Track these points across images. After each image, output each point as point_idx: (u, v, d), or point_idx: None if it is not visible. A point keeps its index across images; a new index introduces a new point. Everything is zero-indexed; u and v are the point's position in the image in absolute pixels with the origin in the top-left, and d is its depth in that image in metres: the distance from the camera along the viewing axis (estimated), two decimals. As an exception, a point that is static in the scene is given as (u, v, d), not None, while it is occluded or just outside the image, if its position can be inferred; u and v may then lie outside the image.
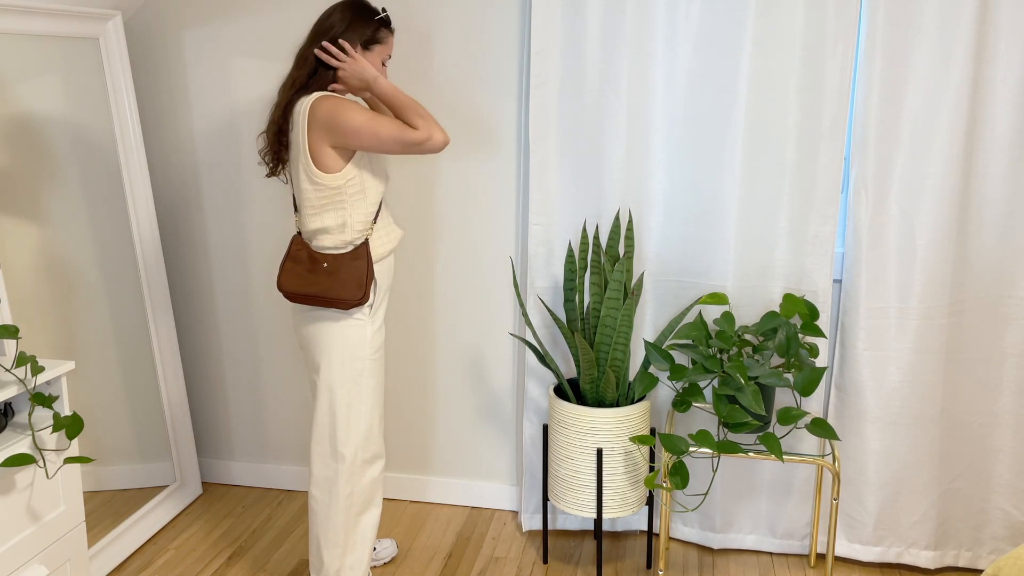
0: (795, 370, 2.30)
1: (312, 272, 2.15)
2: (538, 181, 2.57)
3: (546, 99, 2.51)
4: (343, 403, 2.22)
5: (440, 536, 2.80)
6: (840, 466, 2.45)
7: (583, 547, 2.74)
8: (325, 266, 2.14)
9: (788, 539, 2.68)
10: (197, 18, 2.77)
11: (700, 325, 2.39)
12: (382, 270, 2.23)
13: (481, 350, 2.85)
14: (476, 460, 2.95)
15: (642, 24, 2.41)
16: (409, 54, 2.64)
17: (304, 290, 2.15)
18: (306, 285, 2.15)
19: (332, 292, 2.12)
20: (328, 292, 2.13)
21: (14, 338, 1.94)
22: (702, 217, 2.50)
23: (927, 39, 2.27)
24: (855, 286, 2.45)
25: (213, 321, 3.01)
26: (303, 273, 2.16)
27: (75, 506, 2.15)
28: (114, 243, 2.68)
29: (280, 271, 2.20)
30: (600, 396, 2.44)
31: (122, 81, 2.65)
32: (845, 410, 2.54)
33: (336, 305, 2.14)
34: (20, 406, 2.07)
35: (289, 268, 2.18)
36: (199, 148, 2.87)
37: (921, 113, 2.32)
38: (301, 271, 2.16)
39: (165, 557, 2.66)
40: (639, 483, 2.46)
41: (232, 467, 3.12)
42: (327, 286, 2.13)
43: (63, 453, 2.07)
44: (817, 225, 2.44)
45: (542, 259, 2.62)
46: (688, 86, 2.43)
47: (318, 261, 2.15)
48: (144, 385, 2.81)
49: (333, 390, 2.21)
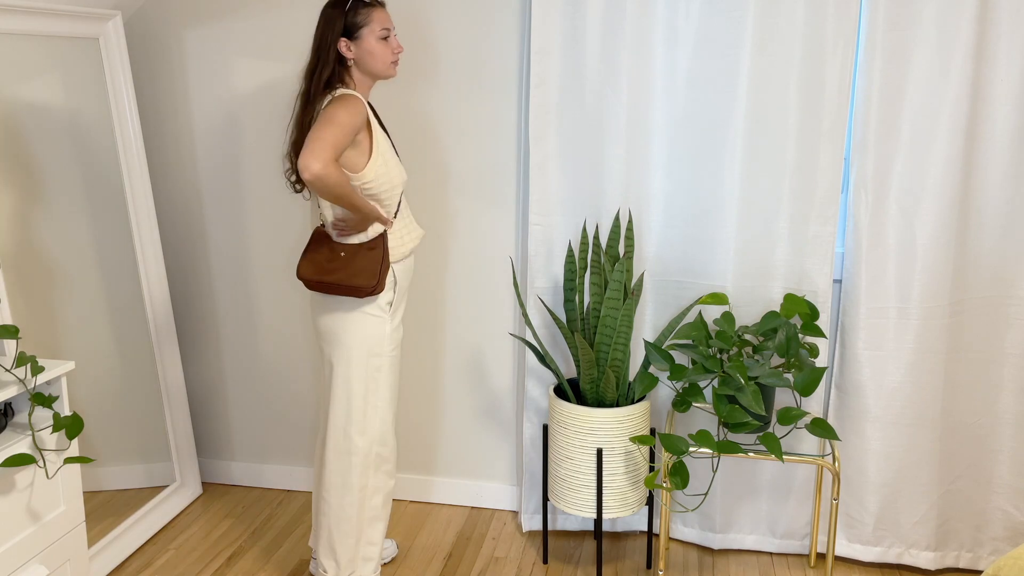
0: (795, 370, 2.30)
1: (330, 261, 2.19)
2: (538, 181, 2.57)
3: (546, 99, 2.51)
4: (359, 396, 2.24)
5: (440, 536, 2.80)
6: (840, 466, 2.45)
7: (583, 547, 2.74)
8: (342, 255, 2.17)
9: (788, 539, 2.68)
10: (197, 18, 2.77)
11: (700, 325, 2.39)
12: (402, 269, 2.25)
13: (481, 350, 2.85)
14: (476, 460, 2.95)
15: (642, 24, 2.41)
16: (409, 53, 2.64)
17: (322, 278, 2.18)
18: (324, 273, 2.18)
19: (347, 279, 2.15)
20: (344, 280, 2.15)
21: (14, 338, 1.94)
22: (702, 217, 2.50)
23: (927, 39, 2.27)
24: (855, 286, 2.45)
25: (213, 321, 3.01)
26: (322, 262, 2.20)
27: (75, 506, 2.15)
28: (114, 243, 2.68)
29: (301, 259, 2.24)
30: (600, 396, 2.44)
31: (122, 80, 2.65)
32: (845, 410, 2.54)
33: (351, 293, 2.16)
34: (20, 406, 2.07)
35: (309, 257, 2.23)
36: (199, 147, 2.87)
37: (921, 113, 2.32)
38: (320, 260, 2.20)
39: (165, 557, 2.66)
40: (639, 483, 2.46)
41: (232, 467, 3.12)
42: (343, 274, 2.16)
43: (63, 453, 2.07)
44: (817, 225, 2.44)
45: (542, 259, 2.62)
46: (688, 86, 2.43)
47: (336, 250, 2.18)
48: (144, 385, 2.81)
49: (350, 383, 2.23)
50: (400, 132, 2.64)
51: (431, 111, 2.68)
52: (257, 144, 2.82)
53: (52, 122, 2.48)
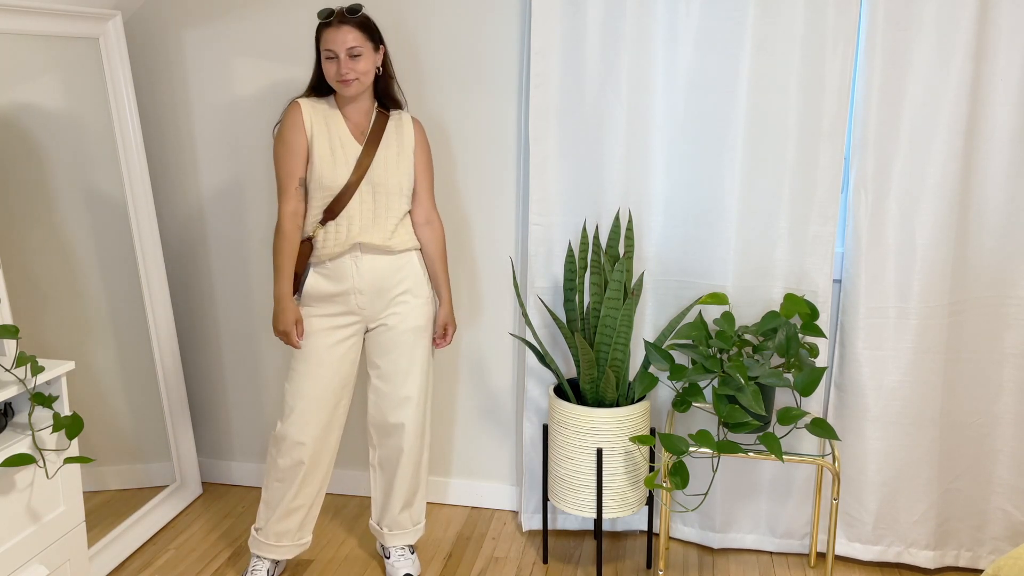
0: (795, 370, 2.30)
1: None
2: (538, 181, 2.57)
3: (546, 99, 2.51)
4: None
5: (440, 536, 2.80)
6: (840, 466, 2.45)
7: (583, 547, 2.74)
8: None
9: (788, 538, 2.68)
10: (197, 18, 2.77)
11: (700, 325, 2.39)
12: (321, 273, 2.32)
13: (481, 350, 2.85)
14: (476, 460, 2.95)
15: (642, 23, 2.41)
16: (409, 53, 2.64)
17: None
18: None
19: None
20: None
21: (14, 338, 1.94)
22: (702, 217, 2.50)
23: (927, 39, 2.27)
24: (855, 286, 2.45)
25: (213, 321, 3.01)
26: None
27: (75, 506, 2.15)
28: (114, 242, 2.68)
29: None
30: (600, 396, 2.44)
31: (122, 81, 2.65)
32: (845, 410, 2.54)
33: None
34: (20, 406, 2.07)
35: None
36: (199, 147, 2.87)
37: (921, 113, 2.32)
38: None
39: (165, 557, 2.66)
40: (639, 483, 2.46)
41: (232, 467, 3.12)
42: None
43: (63, 453, 2.07)
44: (817, 225, 2.44)
45: (542, 259, 2.62)
46: (688, 86, 2.43)
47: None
48: (144, 385, 2.81)
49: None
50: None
51: (431, 111, 2.68)
52: (257, 144, 2.82)
53: (52, 121, 2.48)
